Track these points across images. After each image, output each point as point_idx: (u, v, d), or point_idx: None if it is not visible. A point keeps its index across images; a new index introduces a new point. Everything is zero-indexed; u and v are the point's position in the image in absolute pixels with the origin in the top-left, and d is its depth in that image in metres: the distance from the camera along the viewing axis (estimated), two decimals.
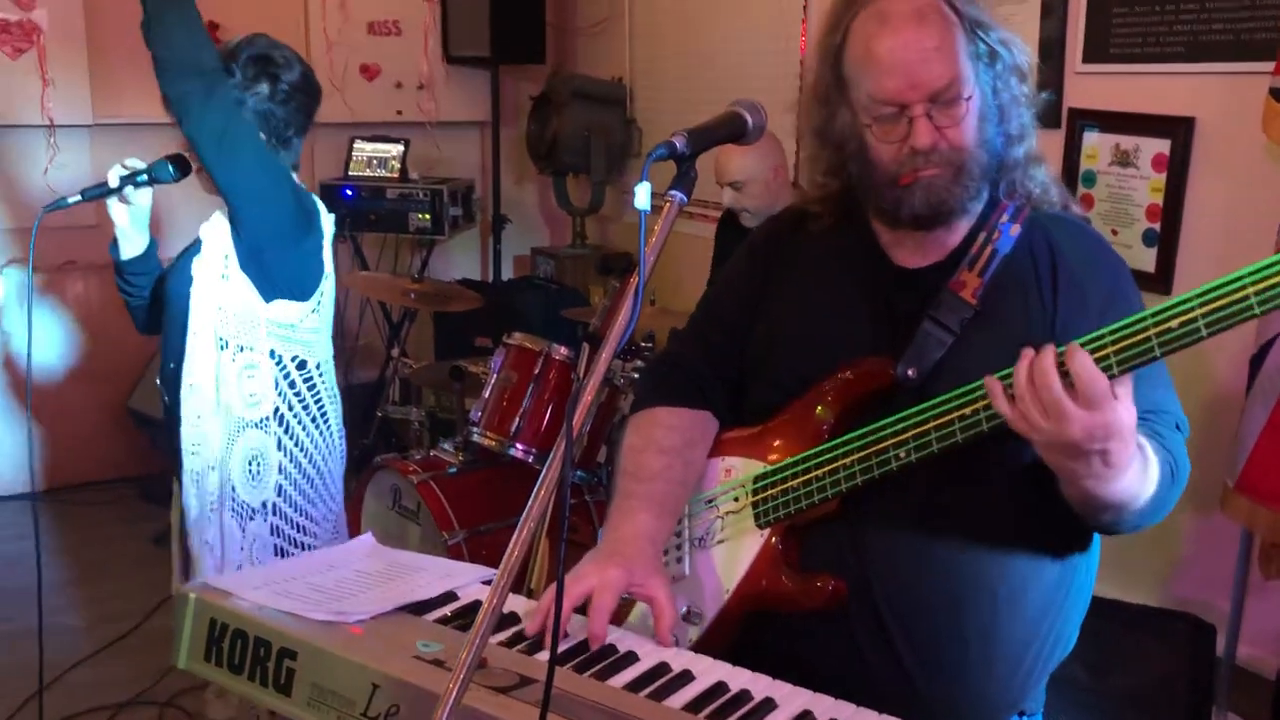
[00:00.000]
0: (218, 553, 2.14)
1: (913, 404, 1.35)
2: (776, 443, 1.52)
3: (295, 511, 2.22)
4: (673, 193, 1.23)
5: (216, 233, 2.16)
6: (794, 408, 1.50)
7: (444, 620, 1.39)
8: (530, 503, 1.11)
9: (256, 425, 2.15)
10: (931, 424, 1.32)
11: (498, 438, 2.97)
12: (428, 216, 4.88)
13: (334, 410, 2.32)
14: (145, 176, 2.17)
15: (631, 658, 1.33)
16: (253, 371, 2.14)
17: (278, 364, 2.17)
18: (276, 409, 2.17)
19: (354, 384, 5.19)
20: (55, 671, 3.15)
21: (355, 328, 5.24)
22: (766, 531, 1.49)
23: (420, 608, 1.42)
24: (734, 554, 1.53)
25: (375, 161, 5.03)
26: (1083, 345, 1.17)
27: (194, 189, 2.25)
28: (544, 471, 1.12)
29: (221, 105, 2.04)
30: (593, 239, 5.31)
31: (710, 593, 1.54)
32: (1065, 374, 1.16)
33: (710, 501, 1.60)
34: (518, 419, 2.97)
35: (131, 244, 2.27)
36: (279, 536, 2.20)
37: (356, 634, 1.33)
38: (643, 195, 1.16)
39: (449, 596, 1.46)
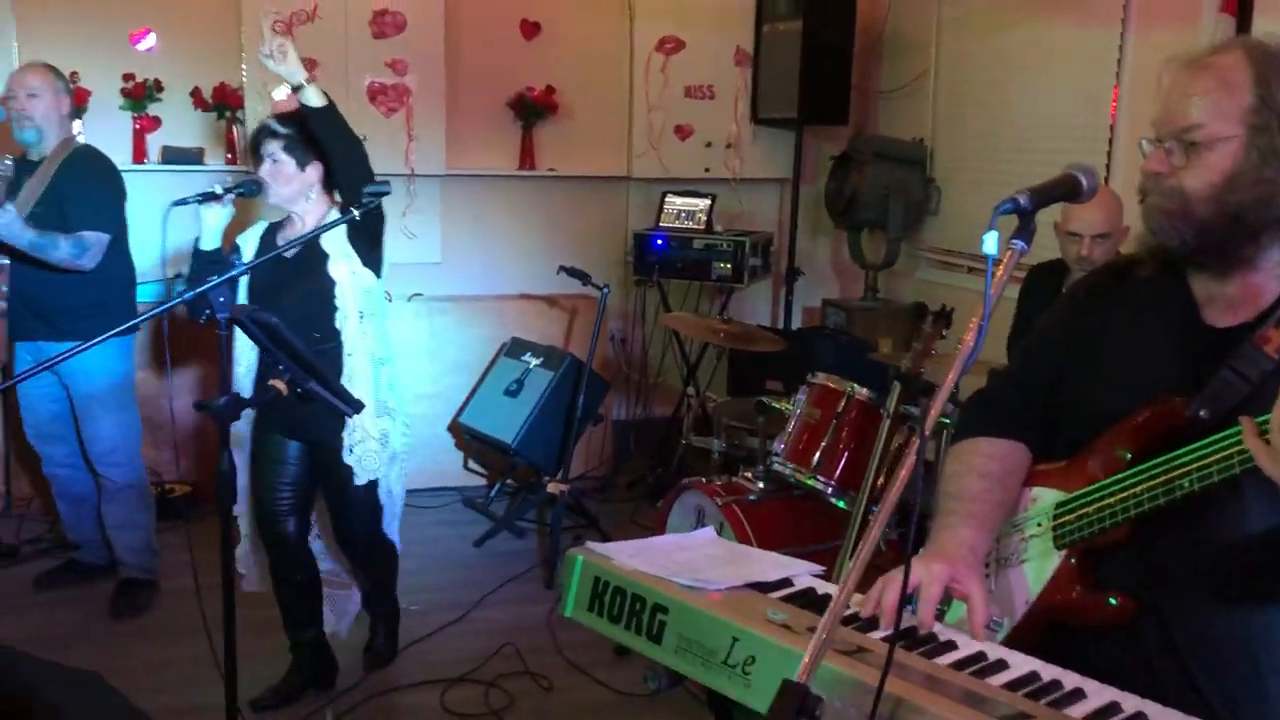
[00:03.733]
0: (380, 442, 3.20)
1: None
2: (1078, 475, 1.67)
3: (405, 414, 3.32)
4: (1015, 242, 1.43)
5: (339, 244, 3.08)
6: (1096, 444, 1.65)
7: (786, 599, 1.64)
8: (878, 509, 1.32)
9: (386, 362, 3.21)
10: (1214, 457, 1.44)
11: (799, 469, 3.20)
12: (729, 266, 5.23)
13: None
14: (240, 190, 3.04)
15: (951, 645, 1.52)
16: (380, 330, 3.18)
17: (383, 320, 3.22)
18: (389, 349, 3.23)
19: (653, 417, 5.59)
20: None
21: (656, 365, 5.65)
22: (1064, 552, 1.65)
23: (763, 587, 1.67)
24: (1036, 572, 1.70)
25: (684, 214, 5.44)
26: None
27: None
28: (859, 498, 1.34)
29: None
30: (884, 293, 5.48)
31: (1014, 604, 1.71)
32: None
33: (1017, 526, 1.77)
34: (818, 453, 3.19)
35: (213, 241, 3.12)
36: (403, 431, 3.30)
37: (715, 599, 1.59)
38: (991, 242, 1.36)
39: (786, 582, 1.71)
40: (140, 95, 4.92)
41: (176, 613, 3.85)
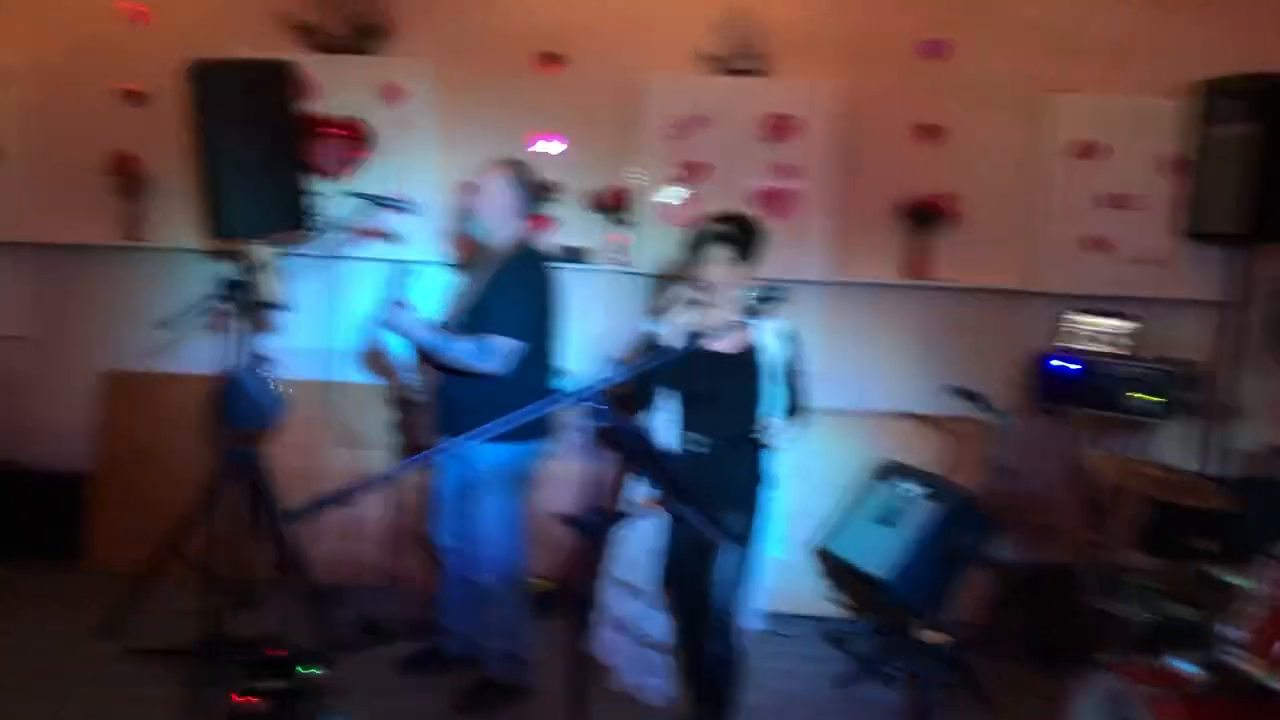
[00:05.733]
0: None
1: None
2: None
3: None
4: None
5: (774, 348, 3.41)
6: None
7: None
8: None
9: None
10: None
11: (1265, 666, 2.54)
12: (1150, 398, 4.53)
13: None
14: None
15: None
16: None
17: None
18: None
19: (1049, 565, 4.88)
20: None
21: (1057, 507, 4.99)
22: None
23: None
24: None
25: (1093, 335, 4.81)
26: None
27: None
28: None
29: None
30: None
31: None
32: None
33: None
34: None
35: (675, 340, 3.27)
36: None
37: None
38: None
39: None
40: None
41: (527, 715, 3.74)
